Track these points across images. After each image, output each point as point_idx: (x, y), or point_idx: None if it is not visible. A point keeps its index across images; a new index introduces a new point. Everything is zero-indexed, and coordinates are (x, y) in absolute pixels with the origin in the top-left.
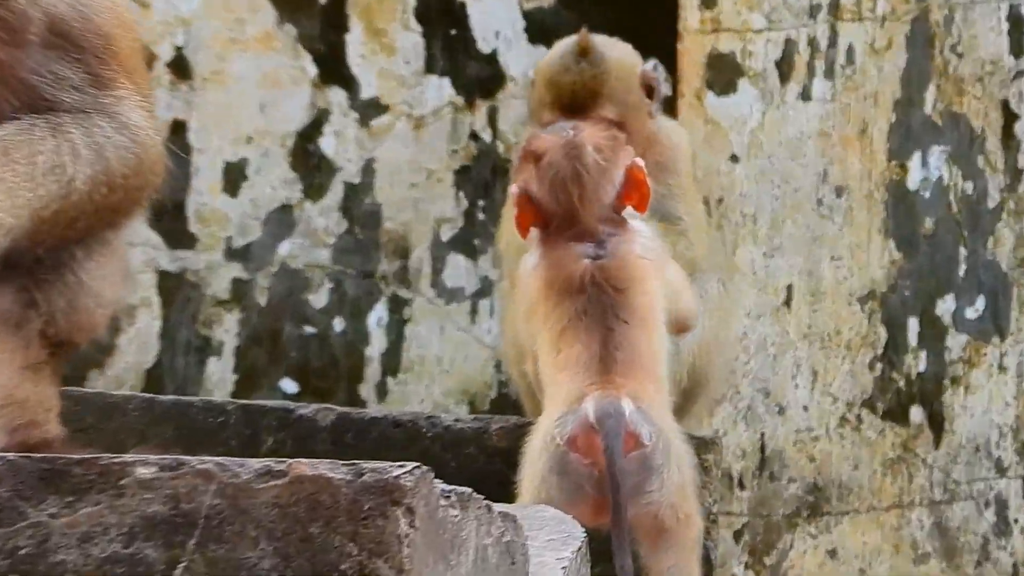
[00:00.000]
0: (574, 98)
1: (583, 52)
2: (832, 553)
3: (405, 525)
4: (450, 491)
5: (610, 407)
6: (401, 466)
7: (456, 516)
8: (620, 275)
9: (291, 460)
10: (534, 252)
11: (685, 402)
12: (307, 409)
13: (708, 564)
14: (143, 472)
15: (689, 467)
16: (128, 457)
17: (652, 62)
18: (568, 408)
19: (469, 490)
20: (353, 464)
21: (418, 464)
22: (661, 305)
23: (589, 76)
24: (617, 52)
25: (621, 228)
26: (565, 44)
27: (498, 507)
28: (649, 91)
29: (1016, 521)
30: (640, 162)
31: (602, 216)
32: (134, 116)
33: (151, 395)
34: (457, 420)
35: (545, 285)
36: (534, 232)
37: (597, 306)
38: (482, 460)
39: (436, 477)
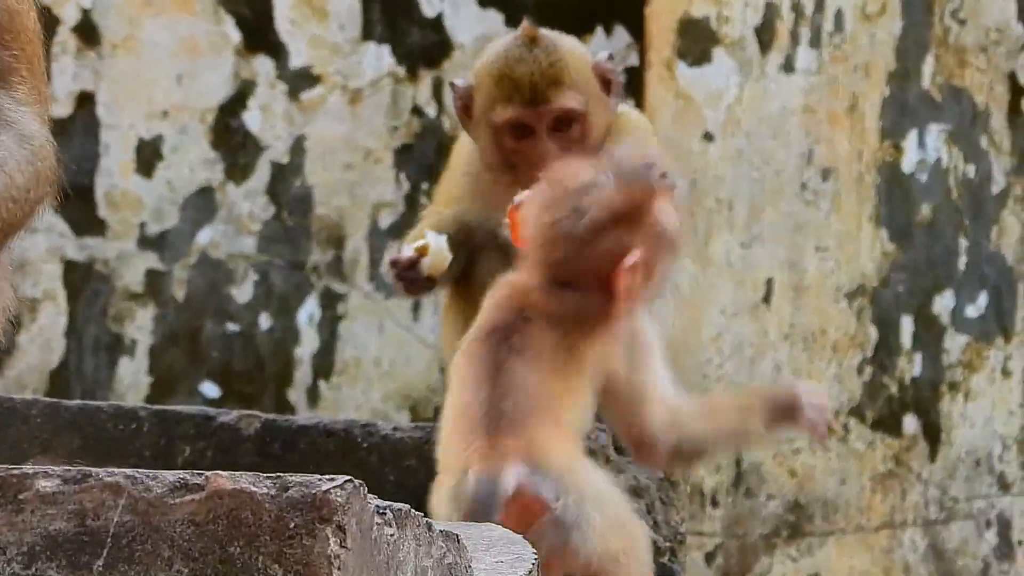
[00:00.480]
0: (534, 88)
1: (532, 40)
2: None
3: (335, 545)
4: (385, 507)
5: (489, 486)
6: (331, 479)
7: (392, 535)
8: (555, 317)
9: (209, 472)
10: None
11: None
12: (229, 416)
13: None
14: (45, 485)
15: (614, 501)
16: (28, 469)
17: (604, 53)
18: (456, 481)
19: (407, 506)
20: (277, 477)
21: (349, 478)
22: (589, 367)
23: (547, 63)
24: (567, 42)
25: (593, 285)
26: (506, 40)
27: (439, 525)
28: (606, 84)
29: (1020, 543)
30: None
31: (584, 270)
32: (33, 126)
33: (55, 400)
34: (396, 429)
35: (487, 308)
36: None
37: (519, 337)
38: (424, 473)
39: (372, 492)
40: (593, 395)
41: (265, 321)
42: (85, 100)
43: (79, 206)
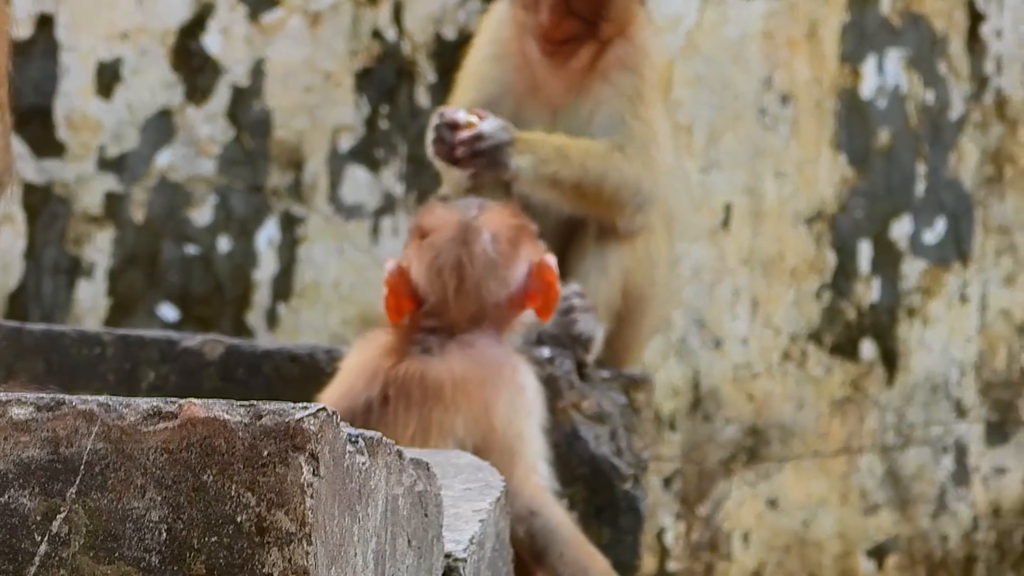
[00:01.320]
0: None
1: None
2: (772, 503)
3: (308, 473)
4: (357, 436)
5: None
6: (304, 407)
7: (364, 464)
8: (412, 385)
9: (182, 400)
10: (380, 330)
11: (618, 328)
12: (193, 341)
13: (636, 516)
14: (18, 413)
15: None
16: (1, 395)
17: None
18: None
19: (378, 434)
20: (251, 405)
21: (323, 406)
22: (447, 441)
23: None
24: None
25: (492, 338)
26: None
27: (410, 452)
28: None
29: (977, 469)
30: (551, 260)
31: (478, 314)
32: None
33: (18, 323)
34: None
35: (357, 355)
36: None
37: (359, 406)
38: None
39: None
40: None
41: (224, 244)
42: (44, 22)
43: (38, 128)
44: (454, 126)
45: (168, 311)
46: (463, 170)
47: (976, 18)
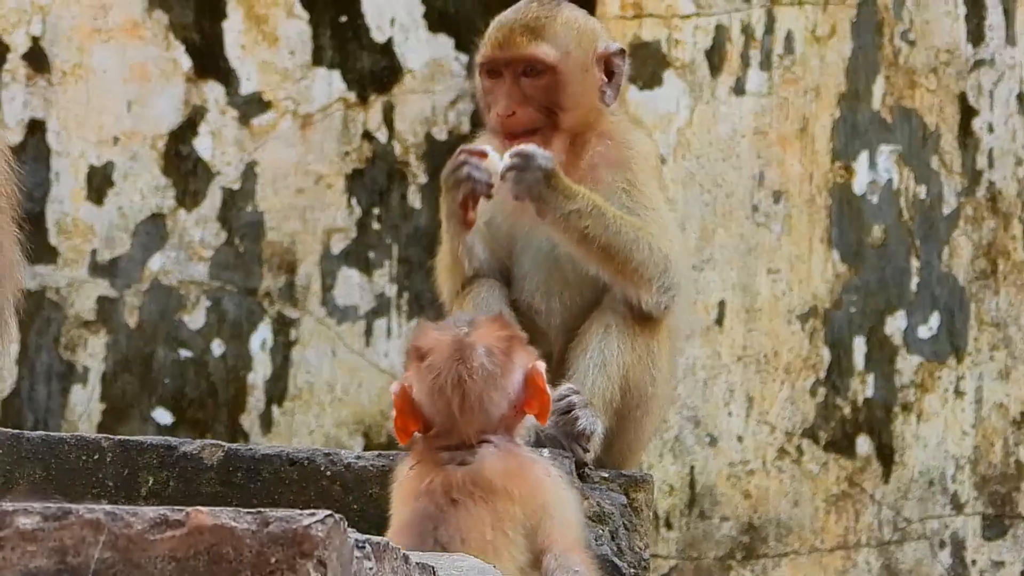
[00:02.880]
0: (511, 33)
1: None
2: None
3: None
4: (364, 541)
5: None
6: (311, 514)
7: (371, 569)
8: (468, 484)
9: (189, 509)
10: (409, 459)
11: (618, 427)
12: (191, 446)
13: None
14: (24, 522)
15: None
16: (7, 505)
17: (620, 46)
18: None
19: (386, 540)
20: (258, 512)
21: (330, 512)
22: (516, 530)
23: (534, 15)
24: (581, 16)
25: (507, 443)
26: None
27: (415, 557)
28: (609, 74)
29: (974, 563)
30: (541, 366)
31: (486, 427)
32: None
33: (17, 431)
34: (359, 457)
35: (400, 488)
36: (417, 436)
37: (429, 516)
38: (387, 502)
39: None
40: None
41: (218, 347)
42: (35, 127)
43: (30, 234)
44: (481, 155)
45: (162, 415)
46: (506, 188)
47: (967, 112)
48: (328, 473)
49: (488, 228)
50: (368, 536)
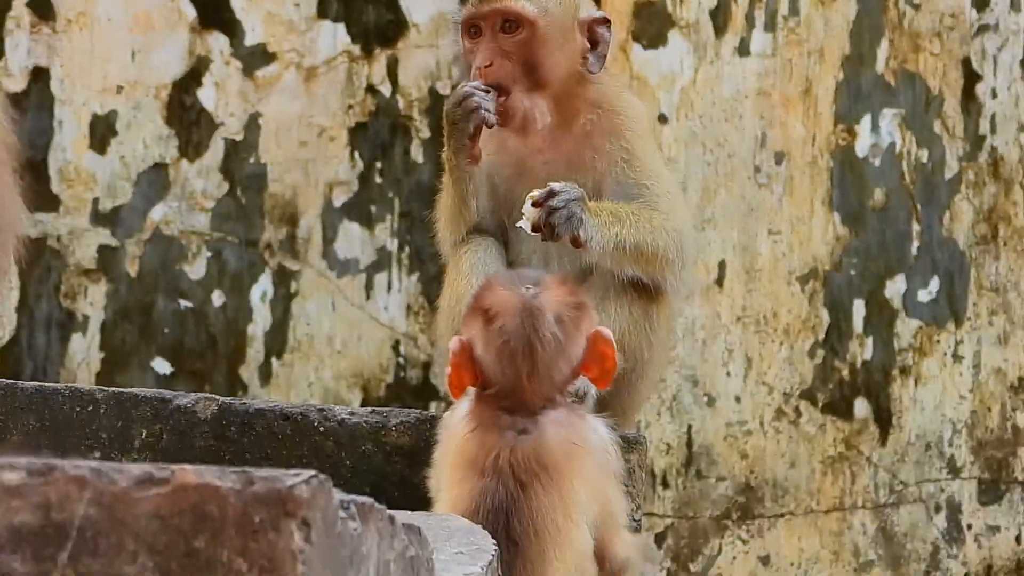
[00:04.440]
0: None
1: None
2: (765, 560)
3: (300, 540)
4: (349, 501)
5: None
6: (296, 474)
7: (356, 529)
8: (533, 462)
9: (174, 466)
10: (464, 407)
11: (613, 389)
12: (186, 399)
13: None
14: (9, 478)
15: None
16: None
17: (604, 15)
18: None
19: (370, 500)
20: (242, 471)
21: (315, 472)
22: (581, 514)
23: None
24: None
25: (565, 407)
26: None
27: (401, 517)
28: (593, 43)
29: (970, 527)
30: (608, 333)
31: (550, 393)
32: None
33: (11, 381)
34: (352, 413)
35: (458, 453)
36: (471, 391)
37: (499, 502)
38: (380, 458)
39: (329, 477)
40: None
41: (218, 298)
42: (39, 75)
43: (32, 181)
44: (485, 89)
45: (161, 365)
46: (539, 235)
47: (971, 77)
48: (321, 429)
49: (487, 183)
50: (353, 496)
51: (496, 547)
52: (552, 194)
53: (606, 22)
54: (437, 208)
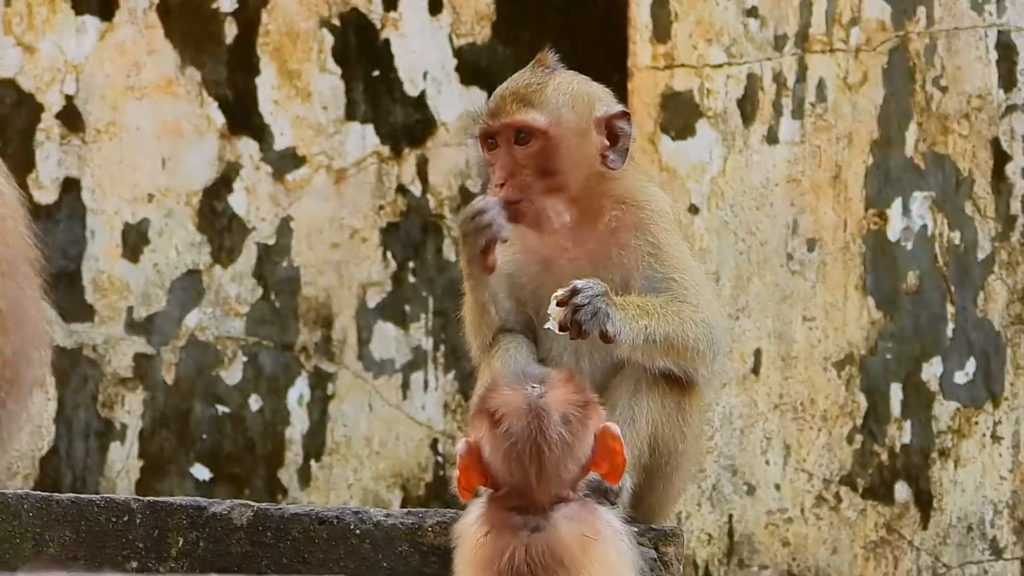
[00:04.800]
0: (504, 101)
1: (537, 63)
2: None
3: None
4: None
5: None
6: None
7: None
8: (550, 559)
9: None
10: (475, 511)
11: (648, 482)
12: (221, 506)
13: None
14: None
15: None
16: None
17: (622, 108)
18: None
19: None
20: None
21: None
22: None
23: (524, 83)
24: (578, 81)
25: (577, 502)
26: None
27: None
28: (612, 138)
29: None
30: (615, 429)
31: (560, 491)
32: None
33: (47, 493)
34: (388, 515)
35: (474, 558)
36: (482, 493)
37: None
38: (417, 559)
39: None
40: None
41: (255, 402)
42: (70, 186)
43: (67, 292)
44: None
45: (200, 471)
46: (568, 334)
47: (1000, 157)
48: (358, 532)
49: (511, 284)
50: None
51: None
52: (576, 291)
53: (625, 116)
54: (463, 311)
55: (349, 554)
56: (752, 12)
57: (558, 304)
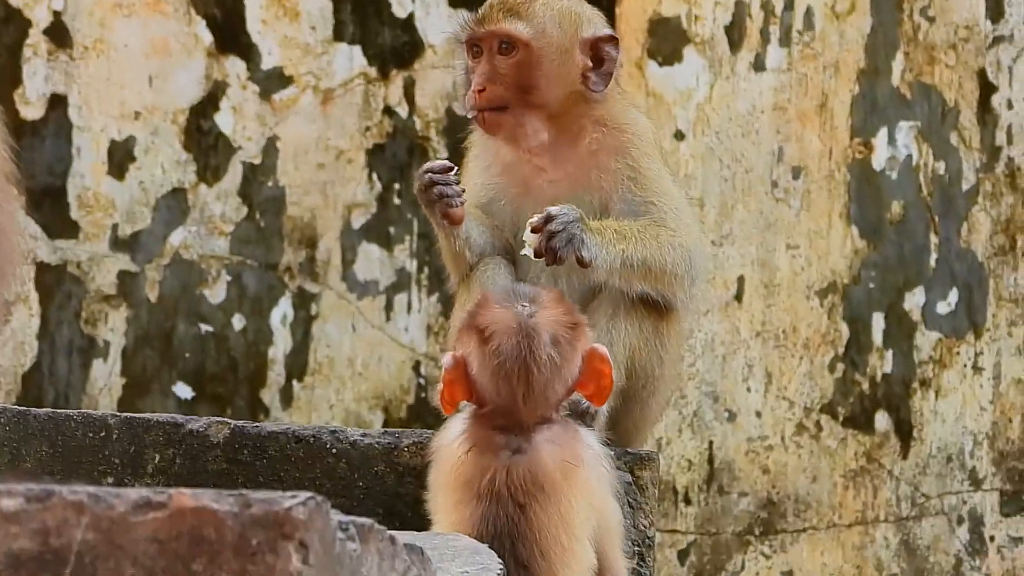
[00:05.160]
0: (491, 10)
1: None
2: (788, 574)
3: (298, 561)
4: (348, 523)
5: None
6: (293, 496)
7: (355, 551)
8: (530, 483)
9: (172, 490)
10: (456, 426)
11: (624, 407)
12: (198, 423)
13: None
14: (7, 504)
15: None
16: None
17: (609, 32)
18: None
19: (370, 521)
20: (240, 494)
21: (312, 494)
22: (583, 531)
23: None
24: (568, 2)
25: (560, 423)
26: None
27: (403, 537)
28: (599, 60)
29: (992, 539)
30: (604, 351)
31: (545, 412)
32: None
33: (24, 408)
34: (365, 435)
35: (454, 475)
36: (464, 408)
37: (501, 527)
38: (393, 479)
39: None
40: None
41: (238, 322)
42: (57, 102)
43: (51, 209)
44: (445, 170)
45: (183, 390)
46: (541, 259)
47: (987, 88)
48: (334, 451)
49: (491, 209)
50: (352, 518)
51: (502, 566)
52: (550, 218)
53: (612, 40)
54: (438, 245)
55: (325, 473)
56: None
57: (532, 231)
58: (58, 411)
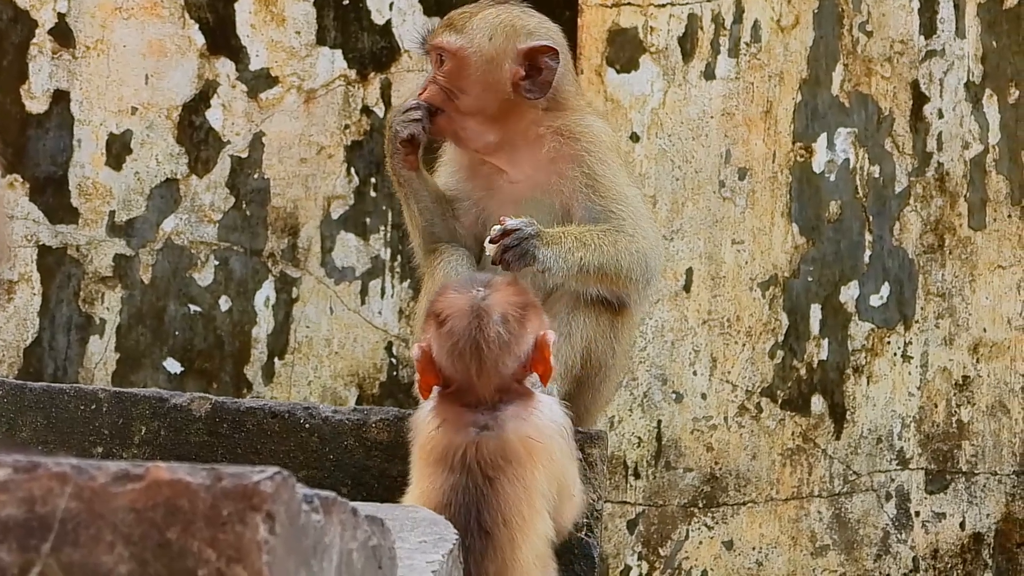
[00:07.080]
0: (437, 27)
1: None
2: (728, 544)
3: (264, 531)
4: (312, 496)
5: None
6: (261, 471)
7: (319, 521)
8: (498, 457)
9: (149, 464)
10: (428, 405)
11: (577, 391)
12: (182, 398)
13: (590, 562)
14: None
15: None
16: None
17: (547, 44)
18: None
19: (333, 494)
20: (212, 468)
21: (279, 469)
22: (543, 502)
23: (459, 12)
24: (510, 15)
25: (523, 398)
26: None
27: (365, 509)
28: (536, 71)
29: (917, 514)
30: (551, 337)
31: (501, 386)
32: None
33: (21, 381)
34: (336, 411)
35: (427, 449)
36: (435, 390)
37: (469, 496)
38: (361, 453)
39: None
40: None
41: (225, 303)
42: (60, 97)
43: (53, 196)
44: (406, 111)
45: (172, 365)
46: (499, 266)
47: (919, 98)
48: (307, 426)
49: (458, 207)
50: (316, 491)
51: (457, 536)
52: (506, 232)
53: (548, 51)
54: (405, 223)
55: (298, 446)
56: None
57: (491, 241)
58: (52, 385)
